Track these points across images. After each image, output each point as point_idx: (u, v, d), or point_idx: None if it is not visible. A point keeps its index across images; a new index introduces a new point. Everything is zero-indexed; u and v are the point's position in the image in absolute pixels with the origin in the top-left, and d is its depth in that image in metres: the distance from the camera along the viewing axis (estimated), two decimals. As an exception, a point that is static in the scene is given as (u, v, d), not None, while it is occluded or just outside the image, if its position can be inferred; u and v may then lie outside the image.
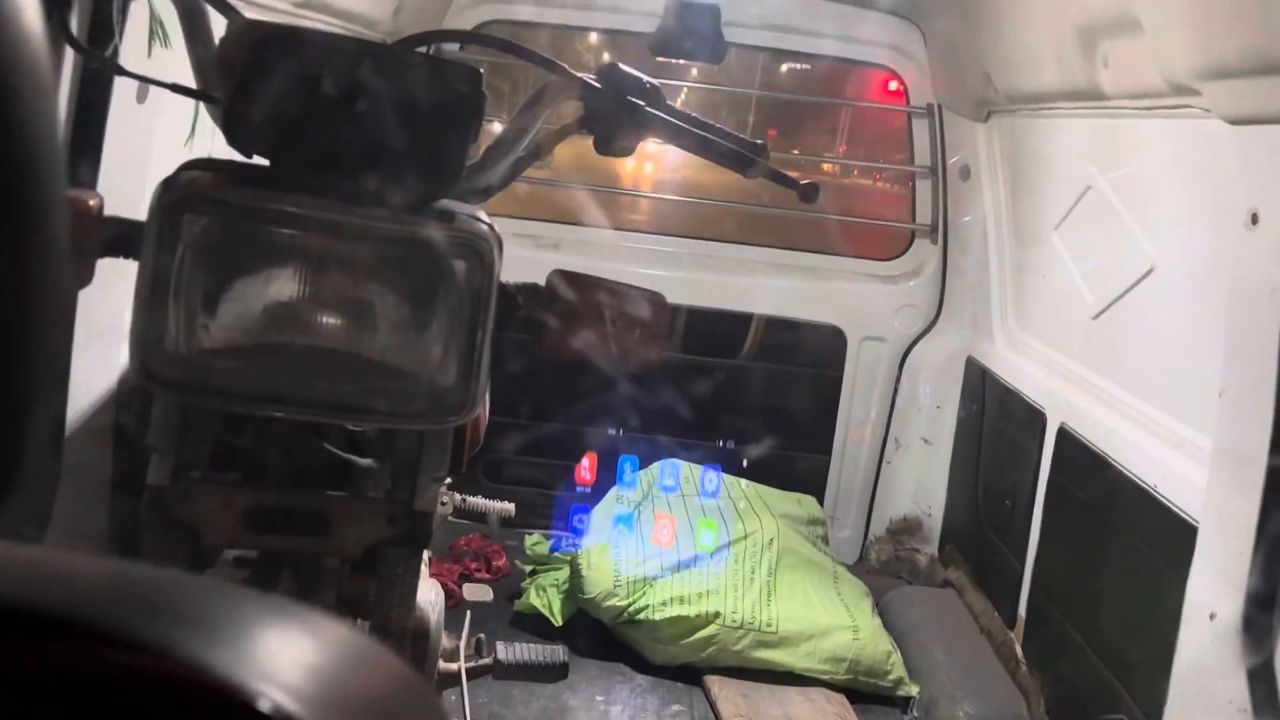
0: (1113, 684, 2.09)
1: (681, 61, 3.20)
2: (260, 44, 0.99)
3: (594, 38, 3.71)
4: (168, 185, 0.99)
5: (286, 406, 1.06)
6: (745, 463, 3.20)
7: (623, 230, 3.46)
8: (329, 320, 1.05)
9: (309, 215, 1.01)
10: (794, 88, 3.71)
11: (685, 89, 3.44)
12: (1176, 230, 2.06)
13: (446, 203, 1.07)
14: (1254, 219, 1.60)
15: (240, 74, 0.98)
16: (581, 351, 1.11)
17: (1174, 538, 1.86)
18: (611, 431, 3.19)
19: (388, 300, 1.06)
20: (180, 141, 1.61)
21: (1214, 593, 1.68)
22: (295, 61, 0.97)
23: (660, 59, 3.13)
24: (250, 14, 1.89)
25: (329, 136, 1.00)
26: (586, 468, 3.15)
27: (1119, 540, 2.13)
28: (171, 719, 0.33)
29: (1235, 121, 1.62)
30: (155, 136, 1.52)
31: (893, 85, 3.20)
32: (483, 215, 1.08)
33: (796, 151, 4.36)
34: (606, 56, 3.91)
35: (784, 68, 3.54)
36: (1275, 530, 1.59)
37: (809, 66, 3.44)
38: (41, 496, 1.20)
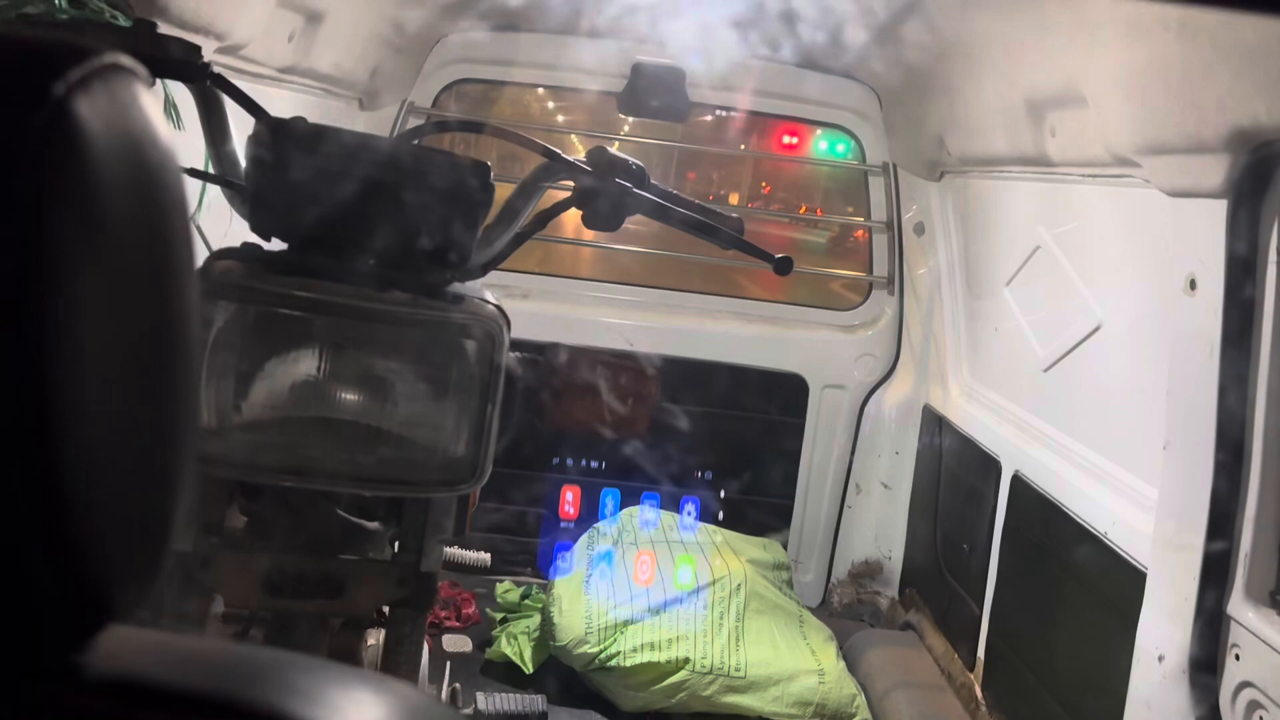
0: (1069, 724, 2.18)
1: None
2: (287, 142, 1.06)
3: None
4: (202, 274, 1.06)
5: (309, 477, 1.12)
6: (716, 510, 3.27)
7: (591, 280, 3.54)
8: (349, 396, 1.12)
9: (332, 301, 1.08)
10: (704, 134, 3.90)
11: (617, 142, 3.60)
12: (1122, 290, 2.19)
13: (456, 285, 1.15)
14: (1192, 284, 1.72)
15: (267, 167, 1.05)
16: (579, 420, 1.18)
17: (1125, 583, 1.96)
18: (582, 479, 3.24)
19: (404, 377, 1.13)
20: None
21: (1162, 636, 1.78)
22: (319, 159, 1.05)
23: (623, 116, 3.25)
24: (239, 80, 1.96)
25: (352, 227, 1.07)
26: (570, 502, 3.19)
27: (1073, 585, 2.23)
28: None
29: (1173, 194, 1.74)
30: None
31: (788, 139, 3.43)
32: (489, 296, 1.16)
33: (715, 197, 4.51)
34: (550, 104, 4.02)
35: (707, 118, 3.72)
36: (1217, 576, 1.69)
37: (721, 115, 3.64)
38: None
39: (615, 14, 2.93)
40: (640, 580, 2.78)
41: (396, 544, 1.27)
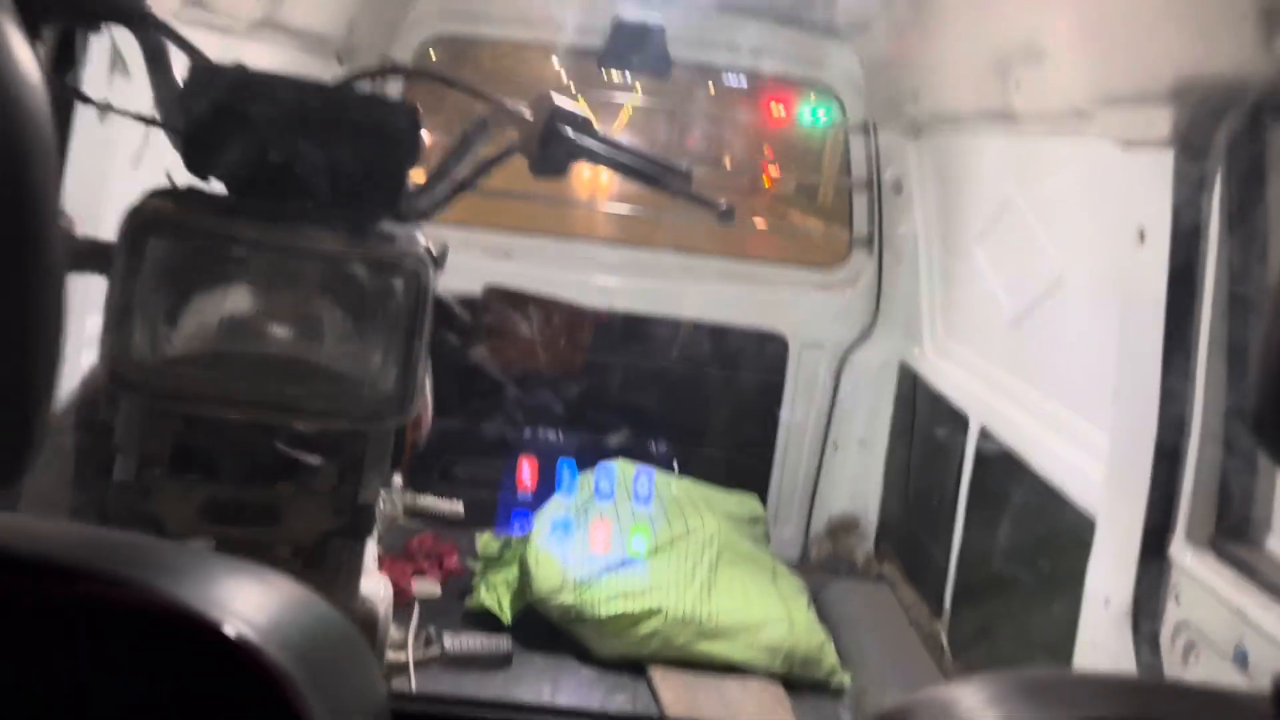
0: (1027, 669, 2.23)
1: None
2: (219, 86, 1.09)
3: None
4: (134, 212, 1.10)
5: (240, 408, 1.17)
6: (696, 465, 3.31)
7: (572, 239, 3.56)
8: (279, 331, 1.16)
9: (261, 238, 1.12)
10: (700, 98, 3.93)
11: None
12: (1081, 244, 2.22)
13: (387, 225, 1.18)
14: (1141, 235, 1.75)
15: (200, 111, 1.09)
16: (511, 357, 1.22)
17: (1077, 530, 2.00)
18: (562, 435, 3.29)
19: (333, 313, 1.17)
20: (135, 159, 1.70)
21: (1109, 580, 1.83)
22: (250, 101, 1.08)
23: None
24: (207, 35, 1.98)
25: (280, 167, 1.11)
26: (527, 473, 3.25)
27: (1031, 534, 2.28)
28: (162, 642, 0.44)
29: (1124, 145, 1.77)
30: (115, 154, 1.61)
31: (776, 105, 3.48)
32: (420, 236, 1.19)
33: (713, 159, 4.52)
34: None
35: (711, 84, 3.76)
36: (1161, 521, 1.73)
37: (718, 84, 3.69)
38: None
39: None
40: (605, 541, 2.83)
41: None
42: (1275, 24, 1.31)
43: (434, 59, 3.27)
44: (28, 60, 0.50)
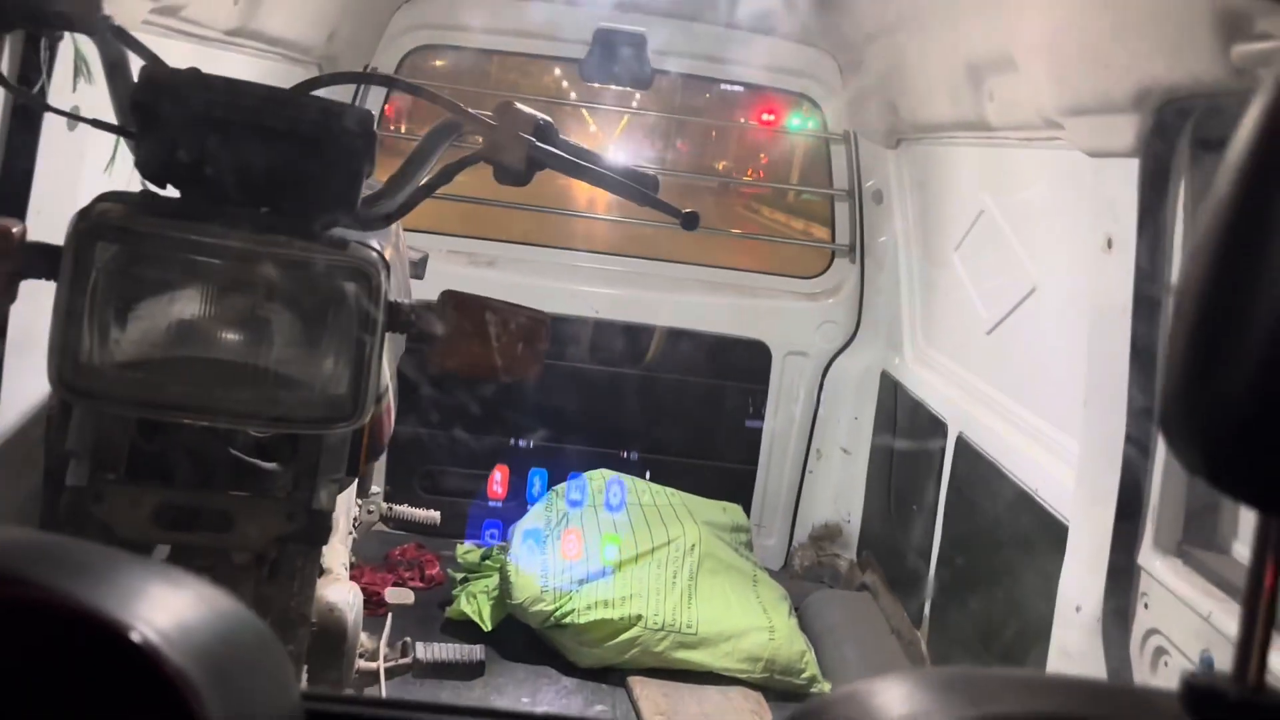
0: (1002, 677, 2.23)
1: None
2: (169, 88, 1.10)
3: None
4: (82, 215, 1.10)
5: (190, 413, 1.17)
6: (678, 474, 3.31)
7: (556, 248, 3.57)
8: (230, 336, 1.17)
9: (211, 243, 1.13)
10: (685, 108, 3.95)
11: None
12: (1054, 252, 2.23)
13: (340, 230, 1.19)
14: (1109, 243, 1.76)
15: (151, 115, 1.09)
16: (467, 364, 1.23)
17: (1051, 538, 2.01)
18: (542, 445, 3.29)
19: (284, 318, 1.18)
20: (108, 166, 1.70)
21: (1080, 587, 1.83)
22: (200, 105, 1.09)
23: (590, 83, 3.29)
24: (182, 42, 1.98)
25: (231, 172, 1.11)
26: (499, 481, 3.25)
27: (1006, 541, 2.28)
28: (62, 643, 0.44)
29: (1091, 154, 1.78)
30: (85, 163, 1.62)
31: (767, 116, 3.46)
32: (373, 242, 1.20)
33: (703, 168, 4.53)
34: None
35: (706, 94, 3.78)
36: (1130, 528, 1.74)
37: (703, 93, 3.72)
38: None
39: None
40: (577, 550, 2.83)
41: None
42: (1232, 33, 1.32)
43: (440, 70, 3.28)
44: None
